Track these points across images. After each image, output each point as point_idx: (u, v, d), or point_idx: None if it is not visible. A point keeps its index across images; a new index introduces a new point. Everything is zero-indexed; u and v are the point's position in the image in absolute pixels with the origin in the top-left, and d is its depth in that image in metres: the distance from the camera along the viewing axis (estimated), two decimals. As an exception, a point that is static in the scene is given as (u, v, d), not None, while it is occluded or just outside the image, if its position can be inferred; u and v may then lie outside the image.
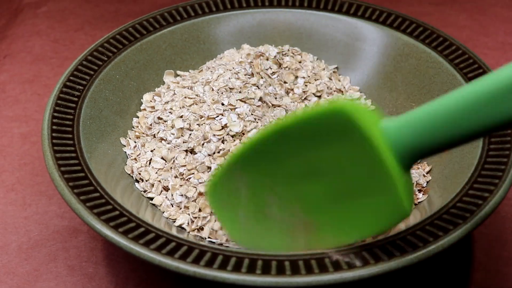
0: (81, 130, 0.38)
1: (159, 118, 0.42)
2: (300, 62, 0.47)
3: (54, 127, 0.38)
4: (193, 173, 0.38)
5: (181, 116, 0.40)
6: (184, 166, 0.38)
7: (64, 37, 0.60)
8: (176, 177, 0.38)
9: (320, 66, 0.48)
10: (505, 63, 0.58)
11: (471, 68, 0.43)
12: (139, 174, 0.40)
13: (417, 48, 0.45)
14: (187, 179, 0.38)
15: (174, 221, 0.37)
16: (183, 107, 0.41)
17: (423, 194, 0.38)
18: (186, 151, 0.39)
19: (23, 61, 0.57)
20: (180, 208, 0.38)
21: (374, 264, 0.30)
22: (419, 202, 0.38)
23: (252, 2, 0.50)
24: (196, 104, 0.41)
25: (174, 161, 0.39)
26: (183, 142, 0.39)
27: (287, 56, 0.47)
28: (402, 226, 0.34)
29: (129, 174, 0.40)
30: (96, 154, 0.38)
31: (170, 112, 0.41)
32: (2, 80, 0.55)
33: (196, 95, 0.42)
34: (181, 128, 0.40)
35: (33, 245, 0.41)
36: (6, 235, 0.41)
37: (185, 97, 0.42)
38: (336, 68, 0.48)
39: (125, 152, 0.41)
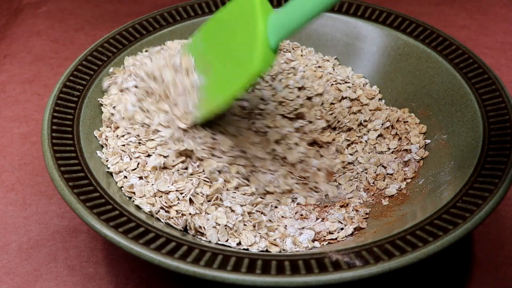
0: (81, 130, 0.38)
1: (133, 104, 0.41)
2: (301, 56, 0.48)
3: (54, 127, 0.38)
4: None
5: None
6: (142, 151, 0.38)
7: (64, 37, 0.61)
8: (131, 157, 0.38)
9: (323, 58, 0.48)
10: (505, 63, 0.58)
11: (470, 68, 0.42)
12: (106, 140, 0.39)
13: (417, 48, 0.45)
14: (142, 165, 0.38)
15: (131, 198, 0.36)
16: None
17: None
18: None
19: (23, 61, 0.57)
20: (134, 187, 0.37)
21: (374, 264, 0.30)
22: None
23: (252, 2, 0.50)
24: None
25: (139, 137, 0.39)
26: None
27: (288, 52, 0.47)
28: (406, 225, 0.34)
29: (96, 137, 0.39)
30: (96, 154, 0.38)
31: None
32: (2, 80, 0.55)
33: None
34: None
35: (33, 245, 0.41)
36: (6, 235, 0.41)
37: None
38: (336, 59, 0.49)
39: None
